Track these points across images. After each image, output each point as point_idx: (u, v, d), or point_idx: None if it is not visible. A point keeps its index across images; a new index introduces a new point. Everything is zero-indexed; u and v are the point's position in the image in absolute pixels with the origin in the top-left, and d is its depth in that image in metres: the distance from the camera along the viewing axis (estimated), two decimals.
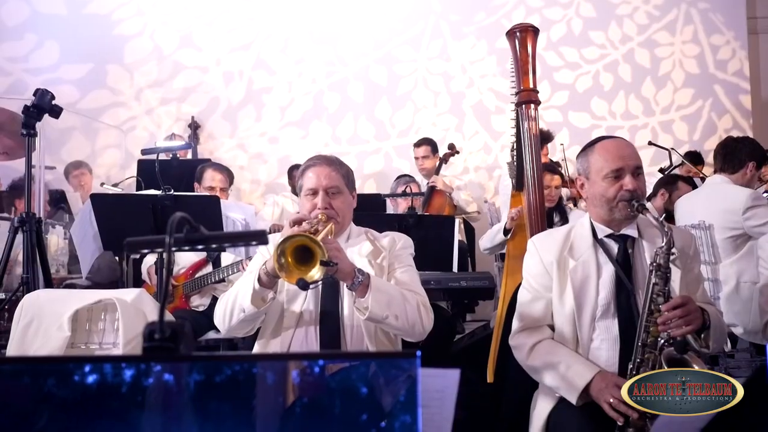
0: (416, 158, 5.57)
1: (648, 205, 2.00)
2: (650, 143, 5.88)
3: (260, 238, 1.12)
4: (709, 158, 5.98)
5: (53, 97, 2.80)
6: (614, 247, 2.12)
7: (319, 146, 6.34)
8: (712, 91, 6.60)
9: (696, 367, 1.80)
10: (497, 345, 3.06)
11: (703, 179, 5.06)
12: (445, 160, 5.47)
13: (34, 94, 2.80)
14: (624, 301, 2.05)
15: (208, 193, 3.63)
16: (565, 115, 6.51)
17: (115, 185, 5.06)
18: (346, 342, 2.12)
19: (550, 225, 3.73)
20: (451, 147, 5.49)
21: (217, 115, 6.49)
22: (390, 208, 4.82)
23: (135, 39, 6.46)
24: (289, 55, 6.59)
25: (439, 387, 0.98)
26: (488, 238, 4.18)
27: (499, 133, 6.35)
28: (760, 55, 6.79)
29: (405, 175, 5.23)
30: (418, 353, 0.90)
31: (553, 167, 4.37)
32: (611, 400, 1.86)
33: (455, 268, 3.62)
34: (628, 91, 6.66)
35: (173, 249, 0.95)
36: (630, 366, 1.92)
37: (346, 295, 2.13)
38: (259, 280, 1.99)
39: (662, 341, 1.89)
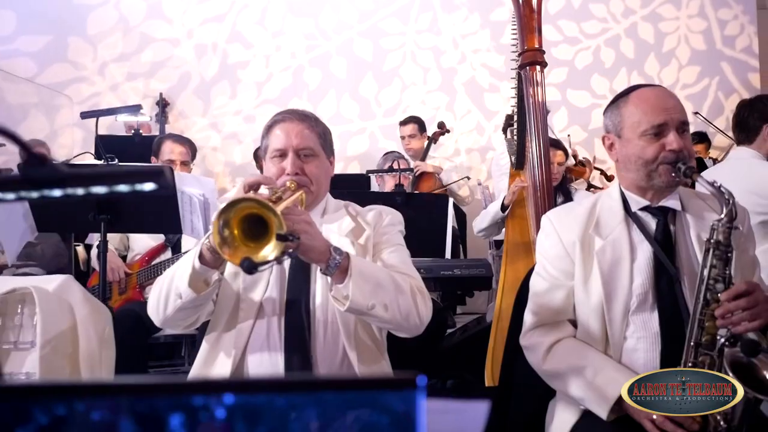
0: (402, 137, 5.20)
1: None
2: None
3: (158, 178, 0.68)
4: (716, 140, 5.62)
5: None
6: (652, 223, 1.75)
7: None
8: (719, 68, 6.23)
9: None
10: (497, 343, 2.65)
11: (714, 161, 4.68)
12: (434, 139, 5.09)
13: None
14: (666, 288, 1.67)
15: None
16: (564, 93, 6.13)
17: (67, 163, 4.57)
18: (317, 339, 1.72)
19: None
20: (441, 126, 5.13)
21: (188, 92, 6.07)
22: (376, 189, 4.38)
23: (99, 9, 6.00)
24: (266, 28, 6.17)
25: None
26: (484, 217, 3.73)
27: (493, 113, 5.96)
28: None
29: (393, 152, 4.81)
30: (422, 381, 0.47)
31: (557, 141, 3.95)
32: (655, 417, 1.48)
33: (448, 255, 3.19)
34: (630, 68, 6.26)
35: None
36: None
37: (320, 281, 1.74)
38: (201, 257, 1.56)
39: (722, 339, 1.47)
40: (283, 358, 1.68)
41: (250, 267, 1.29)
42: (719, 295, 1.47)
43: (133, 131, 4.69)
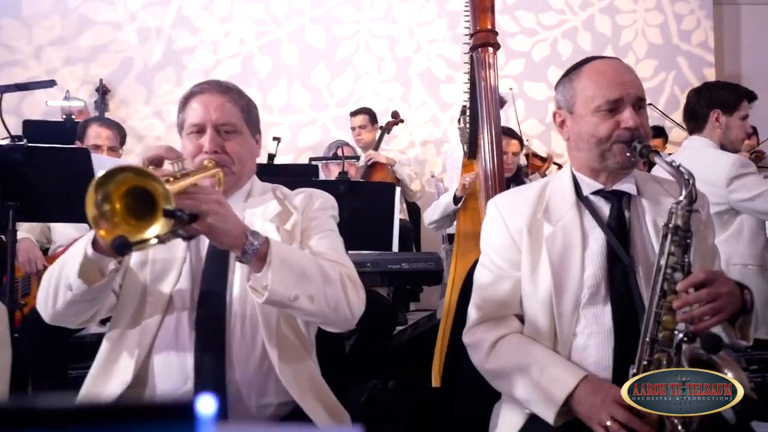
0: (353, 128, 5.01)
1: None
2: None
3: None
4: (673, 134, 5.57)
5: None
6: (605, 208, 1.60)
7: None
8: (676, 63, 6.18)
9: (729, 375, 1.26)
10: (445, 341, 2.49)
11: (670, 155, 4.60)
12: (387, 129, 4.92)
13: None
14: (620, 279, 1.52)
15: None
16: (521, 85, 5.99)
17: None
18: (234, 336, 1.53)
19: None
20: (395, 115, 4.97)
21: (131, 79, 5.76)
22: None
23: None
24: (214, 12, 5.88)
25: None
26: (435, 209, 3.57)
27: (449, 104, 5.81)
28: (725, 26, 6.39)
29: (338, 140, 4.63)
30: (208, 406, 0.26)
31: (511, 130, 3.81)
32: (608, 424, 1.32)
33: (395, 248, 3.01)
34: None
35: None
36: (632, 370, 1.38)
37: (239, 270, 1.55)
38: (95, 243, 1.33)
39: (680, 335, 1.32)
40: (193, 359, 1.48)
41: (122, 246, 1.08)
42: (678, 285, 1.33)
43: (65, 116, 4.40)
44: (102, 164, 2.49)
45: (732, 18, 6.43)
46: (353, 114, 5.07)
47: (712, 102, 2.93)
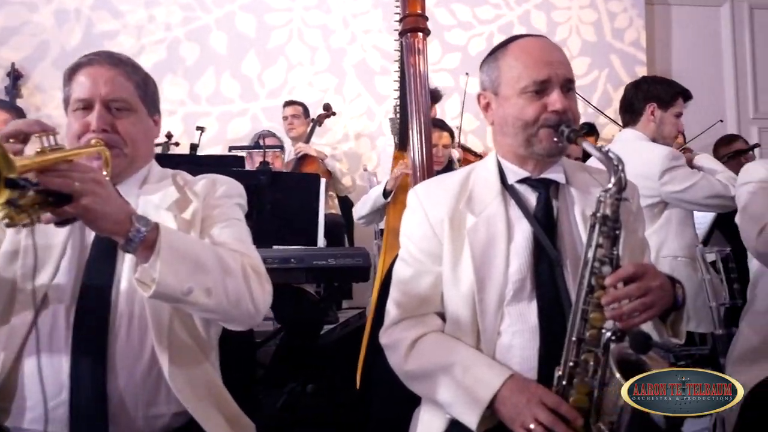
0: (285, 118, 4.83)
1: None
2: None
3: None
4: (605, 131, 5.60)
5: None
6: (532, 198, 1.50)
7: (173, 104, 5.42)
8: (609, 61, 6.22)
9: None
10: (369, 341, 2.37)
11: None
12: (319, 122, 4.78)
13: None
14: (546, 274, 1.41)
15: None
16: (456, 79, 5.90)
17: None
18: (119, 337, 1.35)
19: None
20: (327, 107, 4.84)
21: (47, 64, 5.40)
22: None
23: None
24: None
25: None
26: (365, 203, 3.42)
27: (384, 97, 5.68)
28: (656, 26, 6.48)
29: (263, 130, 4.45)
30: None
31: (443, 123, 3.71)
32: (532, 426, 1.22)
33: (321, 243, 2.86)
34: None
35: None
36: (558, 372, 1.29)
37: (129, 262, 1.37)
38: None
39: (608, 333, 1.21)
40: (70, 363, 1.29)
41: None
42: (606, 280, 1.22)
43: None
44: None
45: (663, 18, 6.52)
46: (286, 104, 4.92)
47: (649, 95, 2.93)
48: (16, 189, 0.97)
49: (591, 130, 5.47)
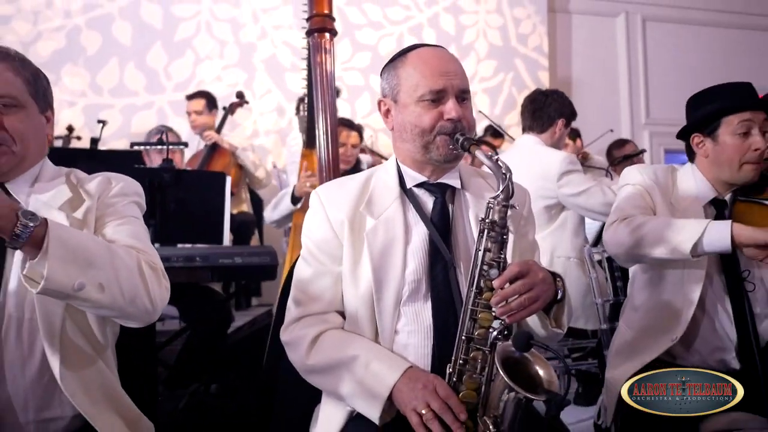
0: (188, 113, 4.68)
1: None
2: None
3: None
4: (511, 131, 5.79)
5: None
6: (429, 201, 1.56)
7: (73, 95, 5.20)
8: (514, 65, 6.43)
9: (541, 372, 1.26)
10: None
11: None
12: (231, 111, 4.67)
13: None
14: (440, 276, 1.48)
15: None
16: (367, 78, 5.96)
17: None
18: (7, 340, 1.32)
19: None
20: (240, 95, 4.76)
21: None
22: None
23: None
24: None
25: None
26: (275, 207, 3.41)
27: (295, 94, 5.61)
28: (557, 33, 6.76)
29: (160, 126, 4.31)
30: None
31: (351, 122, 3.74)
32: (423, 412, 1.28)
33: (227, 241, 2.84)
34: None
35: None
36: (449, 369, 1.35)
37: (17, 260, 1.33)
38: None
39: (494, 332, 1.29)
40: None
41: None
42: (493, 282, 1.30)
43: None
44: None
45: (564, 25, 6.80)
46: (190, 97, 4.75)
47: (562, 111, 3.15)
48: None
49: (496, 133, 5.63)
